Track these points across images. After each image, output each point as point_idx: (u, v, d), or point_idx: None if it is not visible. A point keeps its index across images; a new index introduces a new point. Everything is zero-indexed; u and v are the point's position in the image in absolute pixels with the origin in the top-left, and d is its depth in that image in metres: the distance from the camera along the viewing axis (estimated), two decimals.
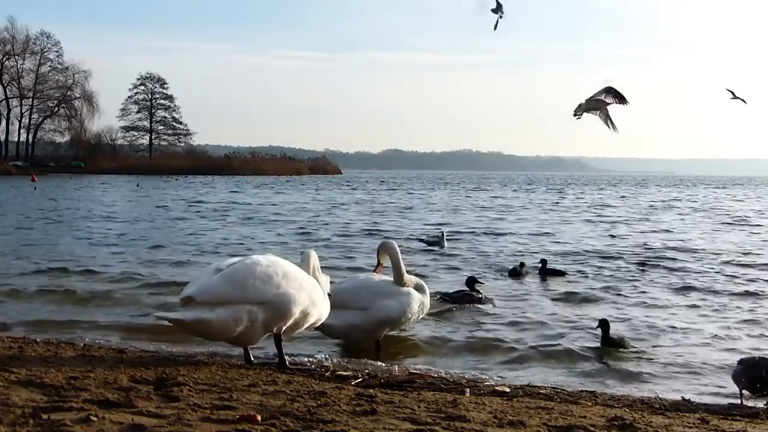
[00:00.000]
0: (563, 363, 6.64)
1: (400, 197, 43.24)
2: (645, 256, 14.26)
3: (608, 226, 22.52)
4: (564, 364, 6.60)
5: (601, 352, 6.92)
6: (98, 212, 25.79)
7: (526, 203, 37.44)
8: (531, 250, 15.27)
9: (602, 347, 6.99)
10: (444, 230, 16.42)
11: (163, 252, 14.33)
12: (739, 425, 4.44)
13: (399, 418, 4.09)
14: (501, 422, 4.13)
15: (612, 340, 7.05)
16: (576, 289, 10.42)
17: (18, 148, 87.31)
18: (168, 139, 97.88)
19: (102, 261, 12.73)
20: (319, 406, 4.27)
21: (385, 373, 5.90)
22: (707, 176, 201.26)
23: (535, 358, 6.81)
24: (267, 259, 5.70)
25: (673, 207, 34.85)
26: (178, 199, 35.31)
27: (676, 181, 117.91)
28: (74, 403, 4.08)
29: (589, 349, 7.02)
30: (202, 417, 3.93)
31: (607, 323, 7.14)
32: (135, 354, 6.10)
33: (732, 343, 7.38)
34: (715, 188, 73.40)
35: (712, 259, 14.14)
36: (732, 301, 9.68)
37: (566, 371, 6.39)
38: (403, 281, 6.99)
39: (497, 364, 6.66)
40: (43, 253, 13.60)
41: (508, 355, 6.92)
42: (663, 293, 10.24)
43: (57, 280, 10.56)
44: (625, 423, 4.23)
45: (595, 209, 32.20)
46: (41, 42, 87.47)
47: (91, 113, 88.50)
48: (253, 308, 5.46)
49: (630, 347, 7.03)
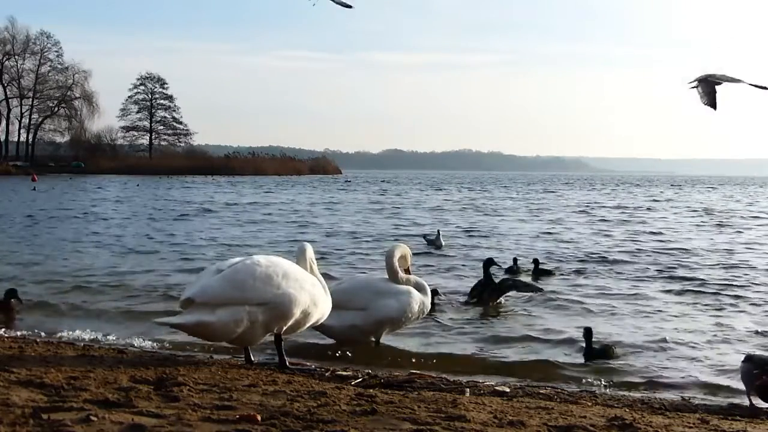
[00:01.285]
0: (563, 363, 6.63)
1: (396, 197, 43.25)
2: (635, 256, 14.27)
3: (597, 225, 22.44)
4: (564, 364, 6.59)
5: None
6: (98, 213, 25.80)
7: (524, 203, 37.46)
8: (524, 249, 15.28)
9: (585, 361, 6.57)
10: (440, 229, 16.41)
11: (152, 255, 14.30)
12: (739, 425, 4.44)
13: (399, 418, 4.09)
14: (501, 422, 4.13)
15: (595, 351, 6.62)
16: (574, 290, 10.43)
17: (18, 148, 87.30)
18: (168, 139, 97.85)
19: (98, 263, 12.73)
20: (319, 406, 4.27)
21: (385, 373, 5.90)
22: (707, 176, 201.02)
23: (535, 358, 6.80)
24: (267, 260, 5.69)
25: (659, 207, 34.64)
26: (170, 200, 35.27)
27: (673, 181, 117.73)
28: (74, 403, 4.08)
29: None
30: (202, 417, 3.93)
31: (590, 332, 6.69)
32: (135, 354, 6.11)
33: (731, 344, 7.38)
34: (711, 188, 73.32)
35: (702, 258, 14.12)
36: (728, 301, 9.68)
37: (566, 371, 6.38)
38: (399, 279, 6.98)
39: (497, 364, 6.65)
40: (35, 252, 13.60)
41: (508, 355, 6.92)
42: (656, 293, 10.21)
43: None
44: (625, 423, 4.23)
45: (587, 209, 32.04)
46: (41, 42, 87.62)
47: (91, 113, 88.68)
48: (254, 309, 5.45)
49: (616, 356, 6.69)
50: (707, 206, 35.05)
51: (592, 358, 6.60)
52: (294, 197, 39.95)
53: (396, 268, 7.00)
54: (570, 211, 30.82)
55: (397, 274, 6.98)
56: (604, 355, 6.65)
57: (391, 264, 7.01)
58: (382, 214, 27.33)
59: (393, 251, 7.08)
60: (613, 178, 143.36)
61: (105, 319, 8.18)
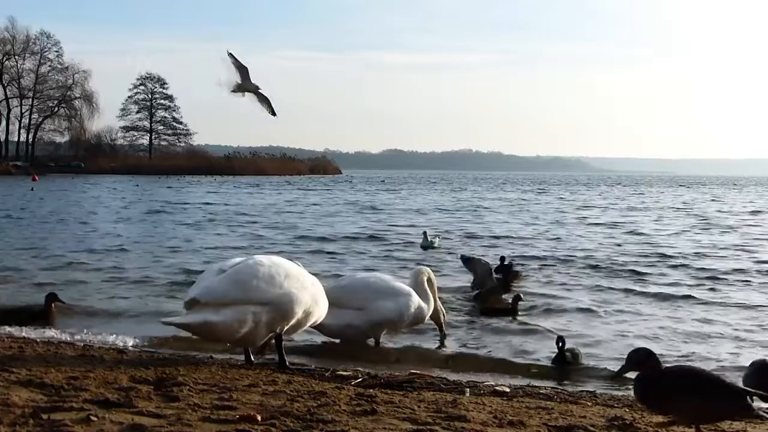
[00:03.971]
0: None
1: (395, 197, 43.26)
2: (635, 258, 14.25)
3: (590, 227, 22.34)
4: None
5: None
6: (96, 212, 25.80)
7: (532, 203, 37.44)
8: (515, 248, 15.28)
9: (554, 365, 6.40)
10: (426, 230, 16.33)
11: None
12: (739, 425, 4.43)
13: (399, 418, 4.09)
14: (501, 422, 4.13)
15: (562, 357, 6.36)
16: (574, 290, 10.43)
17: (18, 148, 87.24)
18: (168, 139, 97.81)
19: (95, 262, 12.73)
20: (319, 406, 4.27)
21: (385, 373, 5.90)
22: (705, 176, 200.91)
23: (535, 358, 6.80)
24: (270, 260, 5.72)
25: (651, 208, 34.44)
26: (160, 200, 35.27)
27: (673, 181, 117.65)
28: (74, 403, 4.09)
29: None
30: (202, 417, 3.93)
31: (563, 340, 6.43)
32: (135, 354, 6.11)
33: (732, 344, 7.39)
34: (708, 188, 73.28)
35: (692, 258, 14.09)
36: (728, 301, 9.68)
37: (566, 370, 6.37)
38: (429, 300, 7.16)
39: (497, 364, 6.65)
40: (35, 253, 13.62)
41: (508, 356, 6.91)
42: (652, 293, 10.18)
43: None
44: (625, 423, 4.23)
45: (580, 210, 31.89)
46: (41, 42, 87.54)
47: (91, 113, 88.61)
48: (257, 309, 5.46)
49: (582, 361, 6.44)
50: (694, 207, 34.82)
51: (562, 364, 6.36)
52: (281, 198, 39.92)
53: (426, 286, 7.12)
54: (555, 209, 30.80)
55: (428, 294, 7.13)
56: (573, 361, 6.40)
57: (422, 282, 7.12)
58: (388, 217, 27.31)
59: (422, 272, 7.26)
60: (611, 178, 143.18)
61: (105, 319, 8.18)
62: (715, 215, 28.76)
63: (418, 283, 7.12)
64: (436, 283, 7.34)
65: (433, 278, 7.29)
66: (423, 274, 7.22)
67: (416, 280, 7.16)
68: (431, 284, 7.23)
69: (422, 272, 7.25)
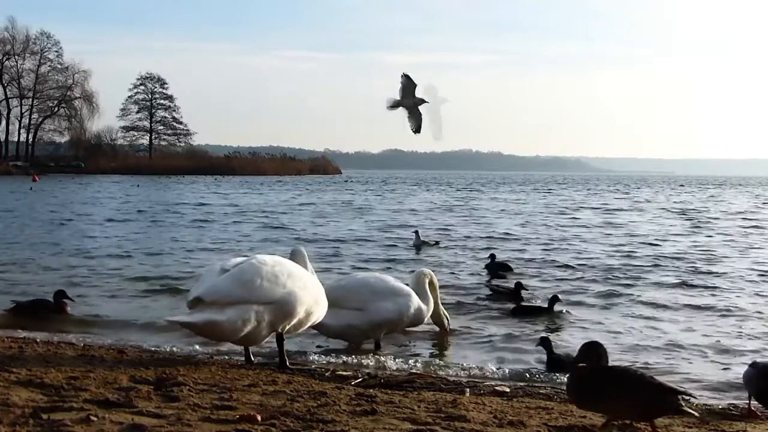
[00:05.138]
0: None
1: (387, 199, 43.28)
2: (634, 259, 14.26)
3: (588, 228, 22.29)
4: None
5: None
6: (96, 213, 25.80)
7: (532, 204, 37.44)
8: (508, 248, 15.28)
9: (548, 371, 6.12)
10: (417, 230, 16.31)
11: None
12: (739, 425, 4.44)
13: (399, 418, 4.09)
14: (501, 422, 4.13)
15: (560, 361, 6.13)
16: (572, 291, 10.43)
17: (18, 148, 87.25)
18: (168, 139, 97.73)
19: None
20: (319, 406, 4.28)
21: (385, 373, 5.90)
22: (705, 176, 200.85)
23: (535, 358, 6.79)
24: (272, 259, 5.73)
25: (644, 209, 34.27)
26: (152, 202, 35.24)
27: (672, 181, 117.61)
28: (74, 403, 4.09)
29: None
30: (202, 417, 3.94)
31: (548, 342, 6.28)
32: (135, 354, 6.11)
33: (731, 344, 7.38)
34: (706, 188, 73.22)
35: (692, 261, 14.05)
36: (728, 301, 9.68)
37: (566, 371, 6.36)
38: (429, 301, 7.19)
39: (497, 363, 6.64)
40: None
41: (508, 356, 6.91)
42: (651, 294, 10.14)
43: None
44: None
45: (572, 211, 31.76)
46: (41, 42, 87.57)
47: (91, 113, 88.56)
48: (260, 308, 5.47)
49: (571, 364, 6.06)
50: (688, 208, 34.70)
51: (556, 369, 6.10)
52: (271, 198, 39.92)
53: (427, 288, 7.15)
54: (548, 211, 30.81)
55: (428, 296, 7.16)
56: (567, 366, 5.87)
57: (423, 283, 7.15)
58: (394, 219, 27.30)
59: (424, 273, 7.29)
60: (610, 178, 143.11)
61: (105, 319, 8.18)
62: (714, 215, 28.74)
63: (419, 285, 7.14)
64: (437, 285, 7.35)
65: (434, 280, 7.30)
66: (425, 275, 7.24)
67: (417, 281, 7.18)
68: (433, 286, 7.24)
69: (424, 274, 7.27)
